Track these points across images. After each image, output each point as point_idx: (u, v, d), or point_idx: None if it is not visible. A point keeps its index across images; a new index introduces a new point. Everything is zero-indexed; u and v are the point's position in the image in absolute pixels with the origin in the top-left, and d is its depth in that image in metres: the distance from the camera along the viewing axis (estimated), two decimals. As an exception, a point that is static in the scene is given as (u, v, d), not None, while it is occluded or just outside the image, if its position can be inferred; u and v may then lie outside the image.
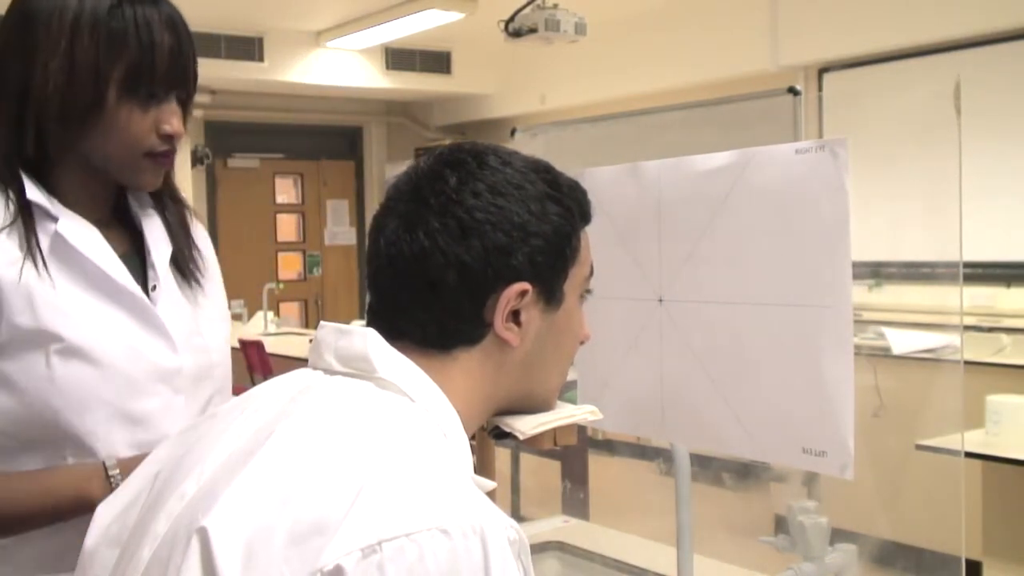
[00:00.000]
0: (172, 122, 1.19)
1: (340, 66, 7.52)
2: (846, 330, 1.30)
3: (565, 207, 0.92)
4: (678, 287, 1.52)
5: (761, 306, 1.40)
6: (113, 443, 1.16)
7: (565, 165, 0.99)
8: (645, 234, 1.56)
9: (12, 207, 1.16)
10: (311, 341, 0.96)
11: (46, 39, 1.15)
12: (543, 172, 0.93)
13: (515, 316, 0.89)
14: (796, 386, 1.36)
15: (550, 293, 0.91)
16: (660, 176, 1.54)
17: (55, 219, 1.17)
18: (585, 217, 0.96)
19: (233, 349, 1.61)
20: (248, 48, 7.10)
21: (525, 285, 0.88)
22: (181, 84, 1.21)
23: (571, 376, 1.21)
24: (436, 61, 7.73)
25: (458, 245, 0.86)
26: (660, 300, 1.54)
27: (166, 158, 1.22)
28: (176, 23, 1.20)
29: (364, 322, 0.93)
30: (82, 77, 1.15)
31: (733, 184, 1.43)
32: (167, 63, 1.17)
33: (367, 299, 0.94)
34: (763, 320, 1.40)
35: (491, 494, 0.81)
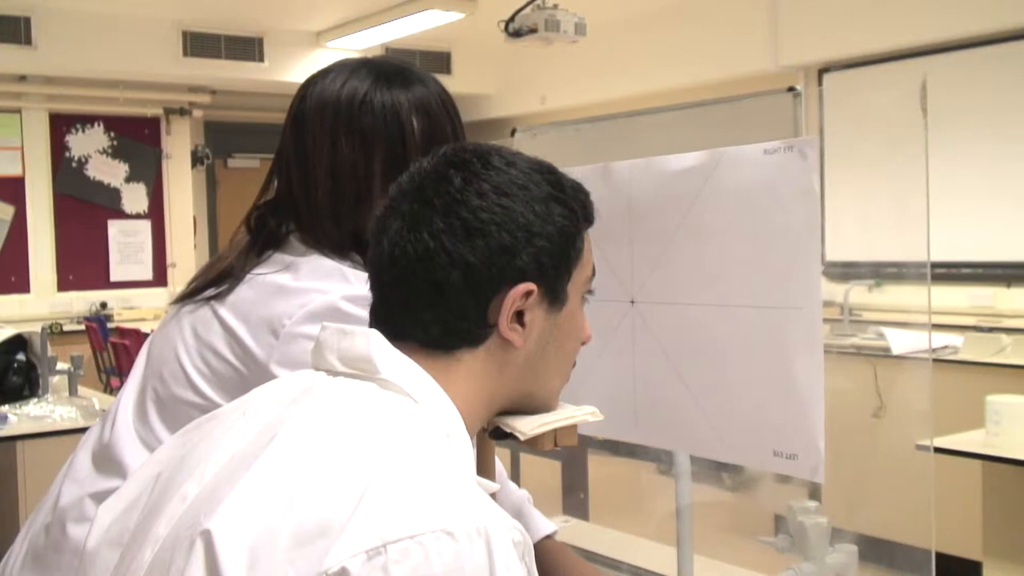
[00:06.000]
0: None
1: (340, 66, 7.49)
2: (816, 331, 1.28)
3: (569, 208, 0.92)
4: (650, 288, 1.50)
5: (731, 307, 1.38)
6: None
7: (565, 165, 0.99)
8: (616, 235, 1.54)
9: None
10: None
11: (313, 146, 1.23)
12: (547, 173, 0.93)
13: (519, 317, 0.89)
14: (766, 388, 1.34)
15: (554, 294, 0.91)
16: (631, 177, 1.52)
17: None
18: (588, 218, 0.96)
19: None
20: (248, 48, 7.09)
21: (530, 286, 0.88)
22: None
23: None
24: (436, 61, 7.71)
25: (463, 245, 0.86)
26: (632, 302, 1.53)
27: None
28: (427, 105, 1.24)
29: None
30: (346, 178, 1.21)
31: (703, 184, 1.41)
32: (419, 146, 1.21)
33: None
34: (734, 321, 1.38)
35: (492, 495, 0.80)
